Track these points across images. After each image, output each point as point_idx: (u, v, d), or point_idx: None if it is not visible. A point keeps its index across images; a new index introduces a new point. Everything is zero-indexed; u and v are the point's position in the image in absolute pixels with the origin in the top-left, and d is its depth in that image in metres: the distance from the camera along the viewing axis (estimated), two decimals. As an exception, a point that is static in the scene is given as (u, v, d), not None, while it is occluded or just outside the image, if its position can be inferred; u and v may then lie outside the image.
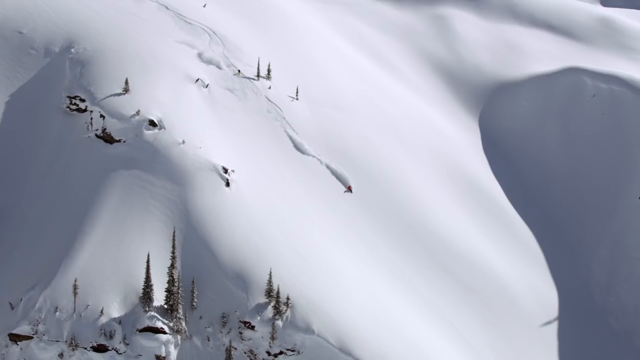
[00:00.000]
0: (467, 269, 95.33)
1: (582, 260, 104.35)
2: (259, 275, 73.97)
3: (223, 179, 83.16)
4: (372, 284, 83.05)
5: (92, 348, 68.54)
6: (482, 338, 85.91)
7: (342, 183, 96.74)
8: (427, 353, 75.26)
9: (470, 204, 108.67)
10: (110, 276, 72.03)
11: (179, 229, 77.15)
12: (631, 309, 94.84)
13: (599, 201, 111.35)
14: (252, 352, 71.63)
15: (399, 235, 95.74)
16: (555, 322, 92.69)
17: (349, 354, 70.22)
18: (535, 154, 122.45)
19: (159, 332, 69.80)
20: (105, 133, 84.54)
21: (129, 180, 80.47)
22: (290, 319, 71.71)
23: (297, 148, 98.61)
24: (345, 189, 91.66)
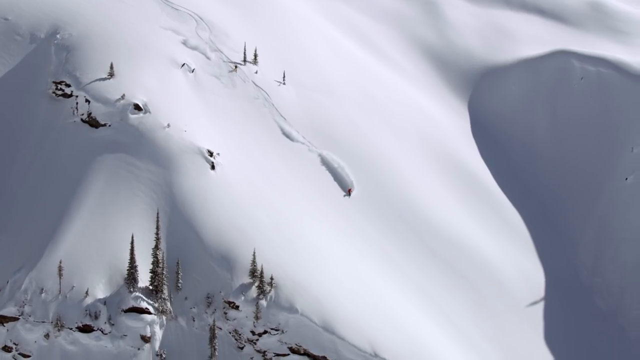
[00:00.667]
0: (455, 252, 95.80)
1: (569, 242, 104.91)
2: (243, 256, 74.51)
3: (208, 162, 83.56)
4: (359, 266, 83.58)
5: (78, 328, 69.13)
6: (469, 319, 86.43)
7: (338, 182, 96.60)
8: (413, 333, 75.75)
9: (458, 188, 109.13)
10: (96, 258, 72.53)
11: (164, 212, 77.59)
12: (616, 289, 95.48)
13: (586, 183, 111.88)
14: (237, 332, 72.20)
15: (387, 219, 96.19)
16: (541, 302, 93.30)
17: (332, 332, 70.79)
18: (523, 137, 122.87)
19: (144, 312, 70.37)
20: (90, 117, 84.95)
21: (115, 163, 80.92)
22: (274, 298, 72.24)
23: (286, 135, 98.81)
24: (345, 192, 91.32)
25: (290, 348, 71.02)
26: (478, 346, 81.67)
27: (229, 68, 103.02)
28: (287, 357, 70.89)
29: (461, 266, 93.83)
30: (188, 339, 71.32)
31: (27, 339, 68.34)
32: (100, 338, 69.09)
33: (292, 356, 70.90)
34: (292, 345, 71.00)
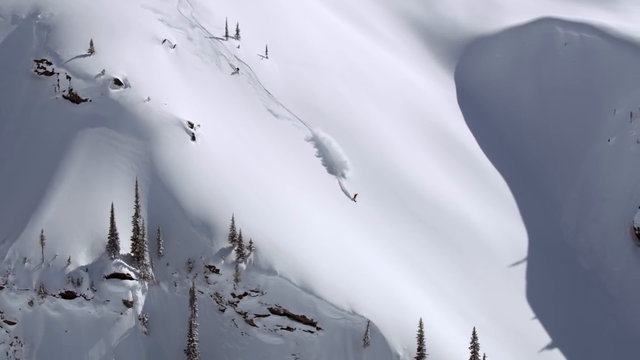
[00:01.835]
0: (439, 217, 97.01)
1: (553, 204, 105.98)
2: (223, 222, 76.02)
3: (189, 133, 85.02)
4: (340, 231, 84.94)
5: (61, 295, 70.86)
6: (452, 280, 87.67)
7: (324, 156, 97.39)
8: (392, 292, 76.97)
9: (444, 155, 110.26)
10: (78, 228, 74.20)
11: (145, 182, 79.20)
12: (599, 247, 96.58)
13: (570, 147, 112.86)
14: (218, 295, 73.82)
15: (370, 186, 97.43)
16: (524, 262, 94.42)
17: (311, 292, 72.27)
18: (508, 104, 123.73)
19: (126, 278, 72.06)
20: (71, 93, 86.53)
21: (96, 137, 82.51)
22: (254, 261, 73.79)
23: (269, 109, 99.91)
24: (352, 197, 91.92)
25: (270, 309, 72.50)
26: (460, 305, 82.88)
27: (212, 44, 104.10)
28: (267, 317, 72.31)
29: (445, 230, 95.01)
30: (170, 303, 72.99)
31: (12, 307, 70.10)
32: (83, 304, 70.77)
33: (272, 317, 72.32)
34: (272, 306, 72.46)
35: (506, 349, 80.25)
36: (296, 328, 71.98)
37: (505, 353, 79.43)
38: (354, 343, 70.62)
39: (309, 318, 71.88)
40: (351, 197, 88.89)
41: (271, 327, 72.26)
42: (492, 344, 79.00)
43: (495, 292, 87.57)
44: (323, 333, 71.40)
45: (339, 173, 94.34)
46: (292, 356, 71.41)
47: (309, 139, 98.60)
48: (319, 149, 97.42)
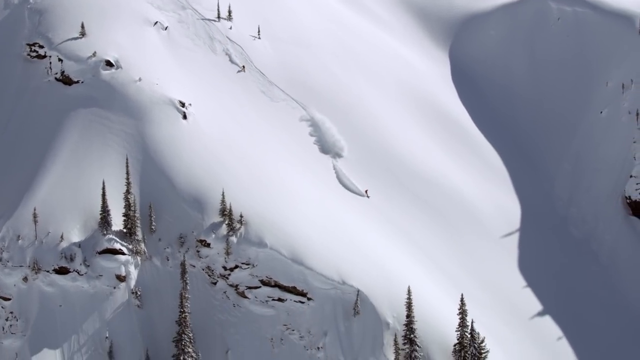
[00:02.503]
0: (431, 190, 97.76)
1: (546, 176, 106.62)
2: (214, 197, 77.17)
3: (180, 112, 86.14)
4: (330, 204, 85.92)
5: (54, 271, 72.27)
6: (444, 251, 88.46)
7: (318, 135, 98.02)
8: (382, 263, 77.82)
9: (437, 130, 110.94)
10: (70, 205, 75.52)
11: (137, 160, 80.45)
12: (591, 217, 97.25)
13: (563, 120, 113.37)
14: (209, 268, 75.04)
15: (364, 162, 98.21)
16: (516, 233, 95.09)
17: (301, 263, 73.33)
18: (502, 80, 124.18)
19: (118, 253, 73.35)
20: (63, 76, 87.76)
21: (88, 117, 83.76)
22: (244, 235, 74.89)
23: (263, 92, 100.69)
24: (363, 193, 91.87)
25: (261, 280, 73.63)
26: (452, 275, 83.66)
27: (204, 26, 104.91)
28: (258, 289, 73.44)
29: (438, 204, 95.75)
30: (163, 277, 74.25)
31: (7, 283, 71.54)
32: (77, 279, 72.12)
33: (263, 288, 73.44)
34: (263, 278, 73.58)
35: (498, 316, 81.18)
36: (287, 299, 73.06)
37: (497, 321, 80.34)
38: (344, 312, 71.64)
39: (299, 289, 72.93)
40: (363, 194, 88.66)
41: (262, 298, 73.37)
42: (484, 312, 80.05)
43: (487, 262, 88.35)
44: (314, 303, 72.42)
45: (332, 153, 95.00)
46: (284, 326, 72.48)
47: (303, 118, 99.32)
48: (313, 128, 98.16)
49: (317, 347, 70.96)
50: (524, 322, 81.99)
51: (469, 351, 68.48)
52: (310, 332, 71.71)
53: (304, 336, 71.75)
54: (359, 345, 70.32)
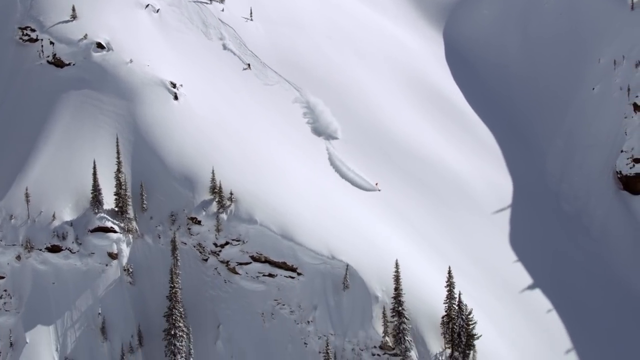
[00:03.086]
0: (424, 168, 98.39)
1: (538, 153, 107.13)
2: (204, 175, 78.03)
3: (171, 93, 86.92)
4: (322, 182, 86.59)
5: (47, 249, 73.30)
6: (435, 227, 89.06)
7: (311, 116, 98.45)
8: (372, 238, 78.51)
9: (430, 110, 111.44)
10: (62, 185, 76.46)
11: (128, 141, 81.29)
12: (583, 193, 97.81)
13: (555, 97, 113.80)
14: (201, 245, 75.92)
15: (356, 141, 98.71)
16: (508, 209, 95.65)
17: (291, 239, 74.16)
18: (496, 59, 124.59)
19: (110, 231, 74.29)
20: (55, 58, 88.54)
21: (80, 99, 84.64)
22: (234, 212, 75.73)
23: (256, 75, 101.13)
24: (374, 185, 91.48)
25: (251, 256, 74.51)
26: (443, 250, 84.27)
27: (197, 9, 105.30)
28: (249, 265, 74.34)
29: (431, 181, 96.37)
30: (154, 255, 75.19)
31: (0, 262, 72.50)
32: (69, 257, 73.14)
33: (254, 264, 74.33)
34: (253, 254, 74.45)
35: (489, 291, 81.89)
36: (277, 274, 73.95)
37: (488, 295, 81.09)
38: (333, 286, 72.46)
39: (289, 264, 73.79)
40: (373, 187, 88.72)
41: (253, 274, 74.25)
42: (475, 286, 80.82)
43: (478, 237, 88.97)
44: (304, 278, 73.29)
45: (326, 135, 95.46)
46: (275, 301, 73.37)
47: (297, 100, 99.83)
48: (307, 110, 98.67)
49: (307, 321, 71.86)
50: (514, 296, 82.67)
51: (457, 323, 69.20)
52: (300, 306, 72.59)
53: (295, 310, 72.65)
54: (349, 319, 71.15)
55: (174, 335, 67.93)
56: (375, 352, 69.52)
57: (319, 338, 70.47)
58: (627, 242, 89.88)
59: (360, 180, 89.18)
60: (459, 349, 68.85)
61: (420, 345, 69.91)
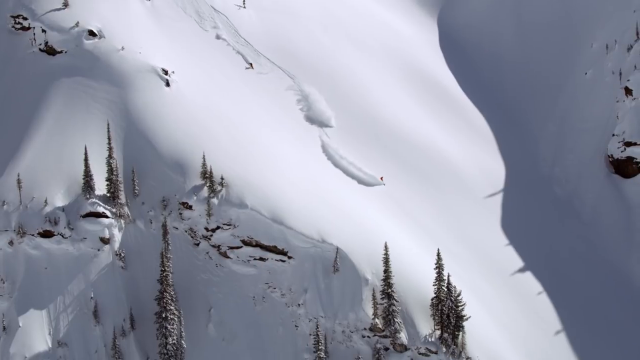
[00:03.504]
0: (416, 153, 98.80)
1: (531, 138, 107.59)
2: (195, 161, 78.56)
3: (163, 80, 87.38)
4: (313, 167, 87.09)
5: (39, 234, 73.92)
6: (426, 211, 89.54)
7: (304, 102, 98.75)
8: (362, 222, 79.01)
9: (423, 96, 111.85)
10: (54, 171, 77.07)
11: (120, 127, 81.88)
12: (574, 176, 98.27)
13: (549, 82, 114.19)
14: (192, 230, 76.51)
15: (349, 127, 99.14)
16: (500, 193, 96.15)
17: (281, 223, 74.71)
18: (490, 45, 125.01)
19: (101, 216, 74.89)
20: (47, 46, 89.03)
21: (71, 86, 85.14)
22: (225, 196, 76.30)
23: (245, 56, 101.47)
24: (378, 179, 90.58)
25: (242, 241, 75.08)
26: (434, 234, 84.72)
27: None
28: (240, 249, 74.93)
29: (424, 167, 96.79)
30: (146, 240, 75.80)
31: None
32: (61, 242, 73.79)
33: (245, 248, 74.92)
34: (244, 238, 75.03)
35: (480, 273, 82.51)
36: (268, 258, 74.53)
37: (479, 277, 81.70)
38: (324, 270, 73.04)
39: (280, 248, 74.35)
40: (378, 181, 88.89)
41: (244, 258, 74.85)
42: (466, 269, 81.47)
43: (470, 221, 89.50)
44: (294, 262, 73.87)
45: (318, 122, 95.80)
46: (266, 285, 73.98)
47: (290, 88, 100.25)
48: (299, 97, 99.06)
49: (297, 304, 72.47)
50: (505, 279, 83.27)
51: (446, 304, 69.75)
52: (291, 289, 73.20)
53: (285, 294, 73.26)
54: (339, 301, 71.75)
55: (165, 318, 68.55)
56: (365, 334, 70.07)
57: (309, 321, 71.00)
58: (618, 225, 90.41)
59: (354, 169, 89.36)
60: (448, 330, 69.36)
61: (410, 326, 70.39)
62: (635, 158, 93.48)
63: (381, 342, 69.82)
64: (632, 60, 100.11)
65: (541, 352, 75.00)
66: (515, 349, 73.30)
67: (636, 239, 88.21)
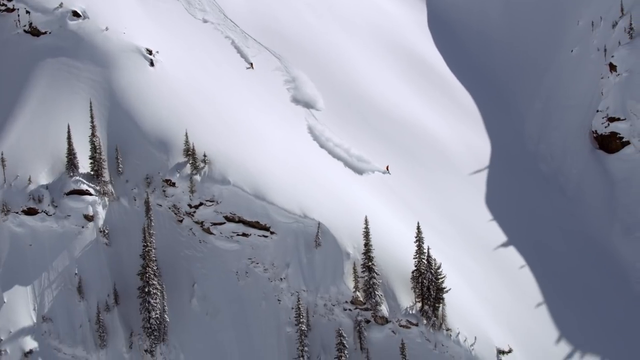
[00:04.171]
0: (402, 132, 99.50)
1: (518, 116, 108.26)
2: (179, 138, 79.14)
3: (147, 59, 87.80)
4: (297, 145, 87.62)
5: (23, 212, 74.63)
6: (410, 188, 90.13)
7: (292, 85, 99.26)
8: (344, 197, 79.56)
9: (410, 75, 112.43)
10: (39, 150, 77.70)
11: (104, 106, 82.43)
12: (559, 153, 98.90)
13: (535, 60, 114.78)
14: (175, 207, 77.20)
15: (335, 107, 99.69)
16: (485, 170, 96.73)
17: (263, 199, 75.37)
18: (477, 25, 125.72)
19: (85, 194, 75.60)
20: (31, 27, 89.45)
21: (56, 66, 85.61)
22: (208, 173, 76.95)
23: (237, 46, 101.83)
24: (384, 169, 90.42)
25: (225, 217, 75.76)
26: (418, 210, 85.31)
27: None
28: (223, 225, 75.63)
29: (410, 145, 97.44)
30: (130, 217, 76.49)
31: (-22, 225, 74.01)
32: (45, 219, 74.48)
33: (228, 224, 75.60)
34: (227, 214, 75.71)
35: (463, 248, 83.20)
36: (251, 234, 75.21)
37: (462, 252, 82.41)
38: (306, 244, 73.73)
39: (262, 223, 75.03)
40: (384, 170, 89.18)
41: (227, 234, 75.54)
42: (450, 244, 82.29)
43: (454, 197, 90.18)
44: (277, 237, 74.55)
45: (303, 103, 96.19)
46: (249, 260, 74.71)
47: (277, 69, 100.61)
48: (287, 78, 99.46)
49: (280, 279, 73.23)
50: (488, 253, 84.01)
51: (427, 277, 70.43)
52: (273, 264, 73.93)
53: (268, 268, 74.02)
54: (321, 275, 72.50)
55: (148, 292, 69.35)
56: (347, 307, 70.85)
57: (291, 294, 71.78)
58: (600, 199, 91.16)
59: (341, 151, 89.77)
60: (429, 302, 70.09)
61: (391, 299, 71.12)
62: (619, 133, 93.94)
63: (362, 314, 70.54)
64: (617, 37, 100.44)
65: (523, 325, 75.71)
66: (498, 323, 74.01)
67: (618, 214, 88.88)
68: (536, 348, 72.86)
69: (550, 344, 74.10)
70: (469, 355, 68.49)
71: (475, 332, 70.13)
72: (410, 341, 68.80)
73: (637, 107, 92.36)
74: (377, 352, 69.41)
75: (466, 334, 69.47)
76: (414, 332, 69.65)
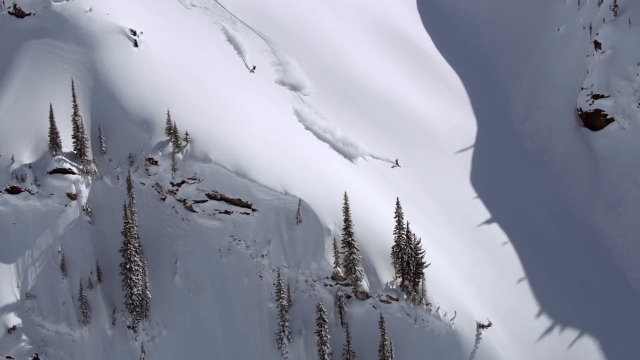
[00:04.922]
0: (387, 111, 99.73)
1: (504, 95, 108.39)
2: (162, 117, 79.63)
3: (131, 40, 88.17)
4: (280, 124, 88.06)
5: (6, 191, 75.27)
6: (395, 167, 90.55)
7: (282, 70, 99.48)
8: (326, 175, 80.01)
9: (395, 53, 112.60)
10: (21, 130, 78.31)
11: (88, 86, 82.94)
12: (545, 131, 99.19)
13: (523, 38, 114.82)
14: (158, 185, 77.81)
15: (318, 86, 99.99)
16: (471, 149, 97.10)
17: (245, 176, 75.95)
18: (465, 4, 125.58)
19: (68, 172, 76.23)
20: (16, 9, 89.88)
21: (40, 47, 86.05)
22: (190, 151, 77.46)
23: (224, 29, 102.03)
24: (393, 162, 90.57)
25: (207, 194, 76.35)
26: (402, 188, 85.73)
27: None
28: (205, 203, 76.22)
29: (395, 124, 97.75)
30: (114, 195, 77.13)
31: (-41, 205, 74.65)
32: (29, 198, 75.11)
33: (210, 202, 76.19)
34: (209, 192, 76.29)
35: (446, 225, 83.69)
36: (233, 211, 75.82)
37: (445, 229, 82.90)
38: (287, 221, 74.28)
39: (244, 201, 75.61)
40: (394, 164, 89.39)
41: (210, 211, 76.12)
42: (433, 221, 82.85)
43: (438, 174, 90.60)
44: (258, 214, 75.12)
45: (289, 86, 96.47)
46: (231, 237, 75.31)
47: (264, 50, 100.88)
48: (274, 60, 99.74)
49: (262, 255, 73.86)
50: (471, 230, 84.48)
51: (406, 252, 70.99)
52: (255, 241, 74.54)
53: (250, 245, 74.62)
54: (302, 251, 73.12)
55: (130, 269, 70.03)
56: (328, 283, 71.50)
57: (273, 271, 72.40)
58: (585, 176, 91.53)
59: (325, 133, 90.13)
60: (409, 277, 70.68)
61: (372, 275, 71.74)
62: (603, 110, 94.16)
63: (343, 290, 71.18)
64: (602, 14, 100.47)
65: (505, 300, 76.30)
66: (480, 298, 74.62)
67: (602, 191, 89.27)
68: (517, 322, 73.47)
69: (531, 318, 74.68)
70: (449, 330, 69.13)
71: (455, 307, 70.71)
72: (390, 316, 69.41)
73: (621, 84, 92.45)
74: (358, 327, 70.01)
75: (446, 309, 70.05)
76: (395, 307, 70.26)
